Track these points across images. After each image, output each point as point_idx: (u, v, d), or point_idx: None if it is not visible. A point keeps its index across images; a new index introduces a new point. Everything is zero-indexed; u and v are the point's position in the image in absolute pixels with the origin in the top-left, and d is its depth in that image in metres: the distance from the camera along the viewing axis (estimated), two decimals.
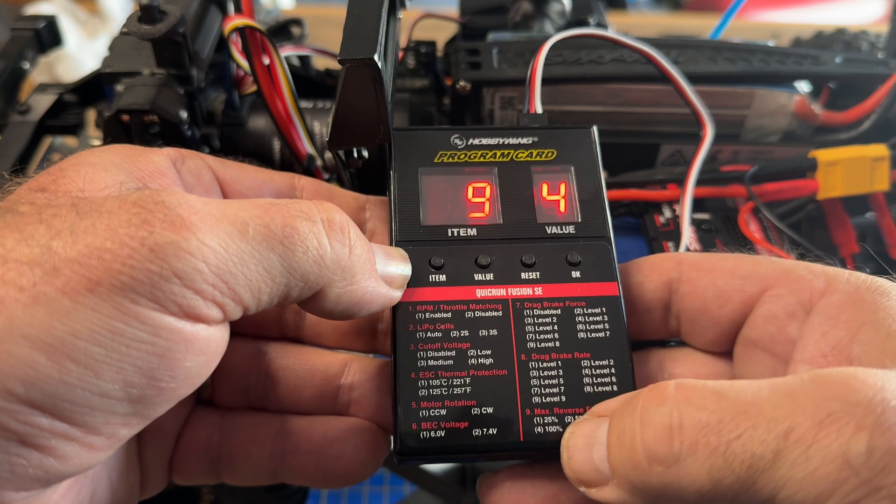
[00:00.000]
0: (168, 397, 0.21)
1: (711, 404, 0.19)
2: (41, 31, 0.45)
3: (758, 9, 1.28)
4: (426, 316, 0.27)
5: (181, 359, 0.20)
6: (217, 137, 0.41)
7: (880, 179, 0.37)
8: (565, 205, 0.29)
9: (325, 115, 0.42)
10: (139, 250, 0.19)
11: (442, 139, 0.30)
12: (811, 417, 0.18)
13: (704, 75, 0.39)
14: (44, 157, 0.44)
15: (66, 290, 0.18)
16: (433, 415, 0.25)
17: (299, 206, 0.22)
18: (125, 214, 0.19)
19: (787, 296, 0.25)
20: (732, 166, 0.39)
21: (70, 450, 0.19)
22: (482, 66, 0.40)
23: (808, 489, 0.18)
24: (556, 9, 0.52)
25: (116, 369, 0.19)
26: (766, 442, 0.18)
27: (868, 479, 0.17)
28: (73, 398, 0.19)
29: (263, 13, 0.60)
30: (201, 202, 0.21)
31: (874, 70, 0.41)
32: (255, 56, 0.34)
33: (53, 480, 0.20)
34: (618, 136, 0.42)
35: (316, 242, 0.22)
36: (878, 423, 0.17)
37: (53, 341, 0.18)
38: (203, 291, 0.20)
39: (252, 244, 0.21)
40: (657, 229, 0.38)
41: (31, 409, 0.18)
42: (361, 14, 0.28)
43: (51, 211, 0.20)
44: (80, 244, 0.19)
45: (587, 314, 0.27)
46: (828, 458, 0.17)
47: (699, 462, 0.19)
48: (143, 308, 0.19)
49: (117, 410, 0.20)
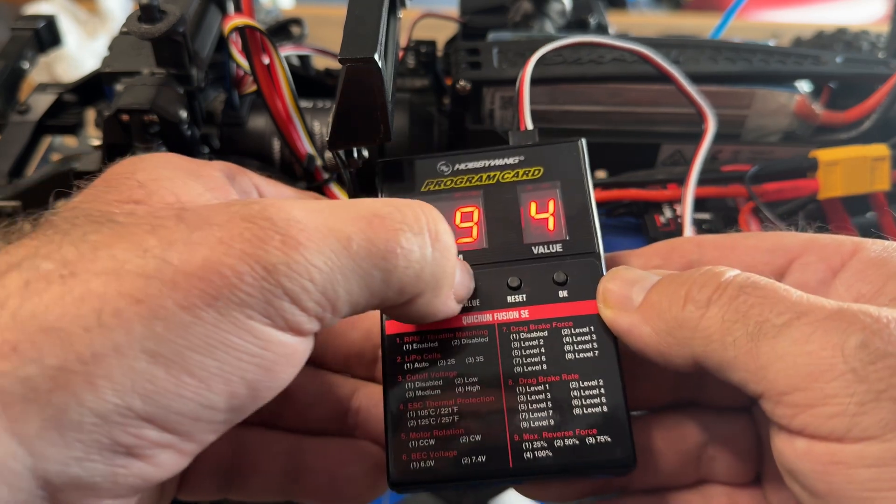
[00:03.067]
0: (255, 407, 0.21)
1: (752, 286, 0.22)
2: (41, 30, 0.45)
3: (758, 8, 1.28)
4: (413, 347, 0.27)
5: (282, 371, 0.21)
6: (217, 137, 0.41)
7: (881, 179, 0.37)
8: (553, 223, 0.28)
9: (325, 115, 0.42)
10: (255, 268, 0.19)
11: (428, 168, 0.30)
12: (823, 313, 0.20)
13: (705, 75, 0.39)
14: (43, 157, 0.44)
15: (186, 304, 0.18)
16: (422, 445, 0.25)
17: (403, 217, 0.22)
18: (236, 228, 0.19)
19: (815, 263, 0.25)
20: (733, 166, 0.39)
21: (166, 458, 0.19)
22: (482, 65, 0.40)
23: (801, 367, 0.20)
24: (557, 8, 0.52)
25: (225, 381, 0.19)
26: (781, 314, 0.21)
27: (855, 369, 0.19)
28: (183, 410, 0.19)
29: (263, 13, 0.60)
30: (305, 214, 0.21)
31: (875, 70, 0.41)
32: (255, 56, 0.34)
33: (145, 487, 0.20)
34: (618, 135, 0.42)
35: (419, 255, 0.22)
36: (877, 327, 0.19)
37: (172, 355, 0.18)
38: (308, 308, 0.20)
39: (356, 260, 0.21)
40: (657, 229, 0.38)
41: (145, 422, 0.18)
42: (361, 14, 0.28)
43: (157, 221, 0.20)
44: (197, 258, 0.19)
45: (574, 334, 0.26)
46: (827, 344, 0.19)
47: (719, 311, 0.22)
48: (256, 322, 0.19)
49: (215, 419, 0.20)
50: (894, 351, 0.19)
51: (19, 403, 0.17)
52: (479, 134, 0.41)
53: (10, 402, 0.17)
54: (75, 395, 0.17)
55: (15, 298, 0.18)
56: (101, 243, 0.19)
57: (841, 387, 0.19)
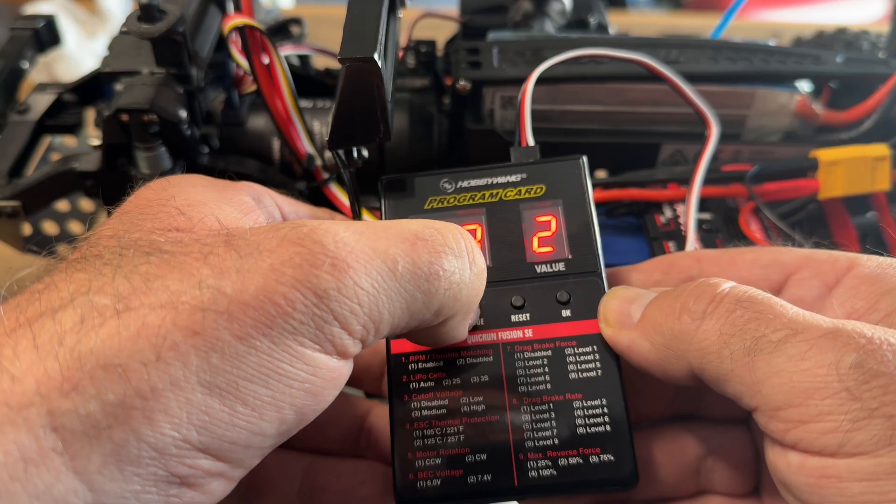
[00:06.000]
0: (299, 429, 0.21)
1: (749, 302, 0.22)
2: (40, 30, 0.45)
3: (758, 8, 1.28)
4: (419, 366, 0.27)
5: (328, 394, 0.21)
6: (216, 137, 0.41)
7: (881, 179, 0.37)
8: (555, 242, 0.29)
9: (325, 115, 0.42)
10: (307, 295, 0.19)
11: (431, 185, 0.30)
12: (818, 331, 0.20)
13: (705, 75, 0.39)
14: (43, 157, 0.44)
15: (241, 335, 0.18)
16: (428, 464, 0.25)
17: (444, 240, 0.22)
18: (286, 254, 0.19)
19: (811, 279, 0.25)
20: (733, 166, 0.39)
21: (216, 485, 0.19)
22: (482, 65, 0.40)
23: (796, 383, 0.20)
24: (557, 8, 0.51)
25: (277, 409, 0.19)
26: (777, 330, 0.21)
27: (849, 388, 0.19)
28: (237, 439, 0.19)
29: (263, 12, 0.60)
30: (352, 236, 0.21)
31: (875, 70, 0.41)
32: (255, 55, 0.34)
33: None
34: (618, 135, 0.42)
35: (458, 278, 0.22)
36: (871, 348, 0.20)
37: (227, 386, 0.18)
38: (355, 332, 0.20)
39: (401, 283, 0.21)
40: (658, 229, 0.38)
41: (200, 452, 0.18)
42: (361, 13, 0.28)
43: (207, 249, 0.20)
44: (251, 286, 0.19)
45: (578, 353, 0.26)
46: (822, 362, 0.20)
47: (716, 324, 0.22)
48: (307, 349, 0.19)
49: (264, 445, 0.20)
50: (887, 371, 0.19)
51: (80, 441, 0.17)
52: (479, 134, 0.40)
53: (71, 440, 0.17)
54: (134, 431, 0.17)
55: (72, 335, 0.18)
56: (152, 275, 0.19)
57: (835, 404, 0.19)
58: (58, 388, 0.17)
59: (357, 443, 0.30)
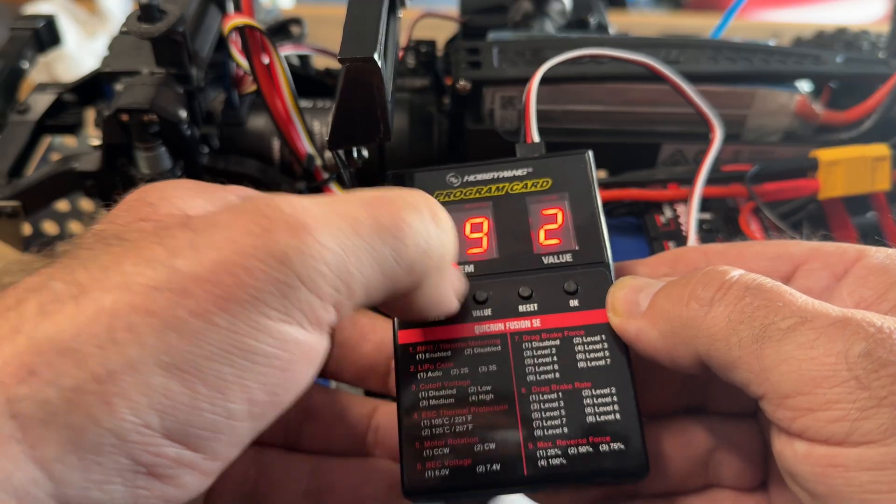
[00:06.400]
0: (276, 414, 0.20)
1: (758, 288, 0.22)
2: (40, 30, 0.45)
3: (758, 8, 1.27)
4: (426, 356, 0.27)
5: (300, 371, 0.20)
6: (216, 137, 0.41)
7: (881, 179, 0.37)
8: (561, 233, 0.29)
9: (325, 115, 0.42)
10: (266, 260, 0.18)
11: (438, 179, 0.30)
12: (828, 320, 0.20)
13: (705, 75, 0.39)
14: (43, 157, 0.44)
15: (199, 311, 0.18)
16: (437, 454, 0.25)
17: (404, 198, 0.22)
18: (243, 224, 0.19)
19: (820, 270, 0.25)
20: (733, 166, 0.39)
21: (189, 479, 0.19)
22: (482, 65, 0.40)
23: (805, 371, 0.20)
24: (557, 8, 0.51)
25: (243, 388, 0.18)
26: (787, 318, 0.21)
27: (858, 376, 0.19)
28: (202, 424, 0.18)
29: (263, 12, 0.60)
30: (310, 202, 0.20)
31: (875, 70, 0.41)
32: (255, 55, 0.34)
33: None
34: (618, 135, 0.42)
35: (424, 231, 0.22)
36: (880, 337, 0.19)
37: (187, 366, 0.17)
38: (326, 295, 0.20)
39: (365, 239, 0.20)
40: (658, 229, 0.38)
41: (163, 438, 0.18)
42: (361, 13, 0.28)
43: (163, 232, 0.19)
44: (205, 260, 0.18)
45: (586, 343, 0.26)
46: (831, 350, 0.20)
47: (724, 310, 0.22)
48: (272, 321, 0.19)
49: (236, 431, 0.19)
50: None
51: (38, 427, 0.16)
52: (479, 133, 0.40)
53: (29, 427, 0.16)
54: (91, 416, 0.17)
55: (30, 322, 0.17)
56: (110, 262, 0.19)
57: (844, 393, 0.19)
58: (15, 374, 0.16)
59: (364, 442, 0.30)
